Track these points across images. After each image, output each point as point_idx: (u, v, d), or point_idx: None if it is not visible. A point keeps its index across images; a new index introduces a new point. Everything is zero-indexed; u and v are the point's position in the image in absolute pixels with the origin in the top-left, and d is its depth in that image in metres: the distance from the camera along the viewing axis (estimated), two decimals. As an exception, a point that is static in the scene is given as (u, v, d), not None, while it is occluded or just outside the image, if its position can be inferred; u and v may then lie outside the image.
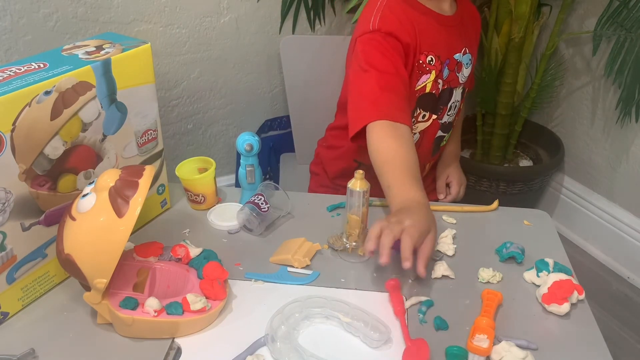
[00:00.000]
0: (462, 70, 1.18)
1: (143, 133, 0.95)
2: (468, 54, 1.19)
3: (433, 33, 1.12)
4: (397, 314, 0.81)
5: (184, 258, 0.86)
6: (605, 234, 1.82)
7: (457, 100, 1.22)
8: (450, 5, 1.16)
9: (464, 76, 1.20)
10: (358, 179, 0.90)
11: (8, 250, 0.77)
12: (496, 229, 1.02)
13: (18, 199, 0.76)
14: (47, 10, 1.42)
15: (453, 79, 1.18)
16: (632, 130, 1.67)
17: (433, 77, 1.14)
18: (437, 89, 1.16)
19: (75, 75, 0.79)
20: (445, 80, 1.16)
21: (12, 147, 0.73)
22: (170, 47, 1.63)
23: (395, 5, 1.11)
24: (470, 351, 0.74)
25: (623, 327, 1.59)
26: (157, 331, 0.77)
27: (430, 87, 1.14)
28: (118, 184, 0.73)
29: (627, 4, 1.52)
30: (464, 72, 1.19)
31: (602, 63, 1.71)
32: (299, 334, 0.78)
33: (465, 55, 1.18)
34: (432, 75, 1.13)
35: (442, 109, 1.19)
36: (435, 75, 1.14)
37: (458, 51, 1.17)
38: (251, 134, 1.02)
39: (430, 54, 1.12)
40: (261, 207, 0.97)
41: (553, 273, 0.87)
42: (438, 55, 1.13)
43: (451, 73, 1.17)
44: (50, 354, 0.75)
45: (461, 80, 1.20)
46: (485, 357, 0.74)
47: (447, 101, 1.19)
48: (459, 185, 1.35)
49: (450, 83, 1.17)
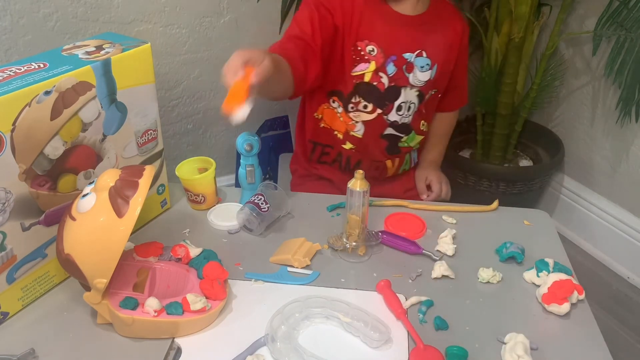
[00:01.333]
0: (414, 72, 1.18)
1: (143, 133, 0.95)
2: (425, 58, 1.18)
3: (380, 25, 1.14)
4: (398, 317, 0.81)
5: (184, 258, 0.86)
6: (605, 234, 1.82)
7: (409, 101, 1.22)
8: (415, 6, 1.16)
9: (417, 79, 1.19)
10: (358, 179, 0.90)
11: (8, 250, 0.77)
12: (496, 229, 1.02)
13: (18, 199, 0.76)
14: (47, 10, 1.42)
15: (400, 77, 1.18)
16: (632, 130, 1.67)
17: (373, 68, 1.16)
18: (379, 82, 1.17)
19: (75, 75, 0.79)
20: (391, 77, 1.17)
21: (12, 147, 0.73)
22: (170, 47, 1.63)
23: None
24: None
25: (623, 327, 1.59)
26: (157, 331, 0.77)
27: (370, 77, 1.17)
28: (118, 184, 0.73)
29: (627, 4, 1.52)
30: (418, 75, 1.19)
31: (602, 63, 1.71)
32: (299, 334, 0.78)
33: (419, 57, 1.18)
34: (372, 65, 1.15)
35: (389, 105, 1.20)
36: (376, 67, 1.16)
37: (410, 51, 1.17)
38: (251, 134, 1.02)
39: (371, 44, 1.14)
40: (261, 207, 0.97)
41: (553, 273, 0.87)
42: (381, 48, 1.15)
43: (399, 71, 1.17)
44: (50, 354, 0.75)
45: (413, 81, 1.19)
46: None
47: (394, 99, 1.20)
48: (439, 183, 1.35)
49: (397, 81, 1.18)
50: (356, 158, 1.27)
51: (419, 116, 1.27)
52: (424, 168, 1.38)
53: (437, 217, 1.04)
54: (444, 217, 1.04)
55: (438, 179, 1.35)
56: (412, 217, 1.03)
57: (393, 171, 1.31)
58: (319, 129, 1.27)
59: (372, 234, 0.95)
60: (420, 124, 1.29)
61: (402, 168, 1.32)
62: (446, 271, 0.89)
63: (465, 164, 1.82)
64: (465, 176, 1.82)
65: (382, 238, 0.95)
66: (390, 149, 1.27)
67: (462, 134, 2.00)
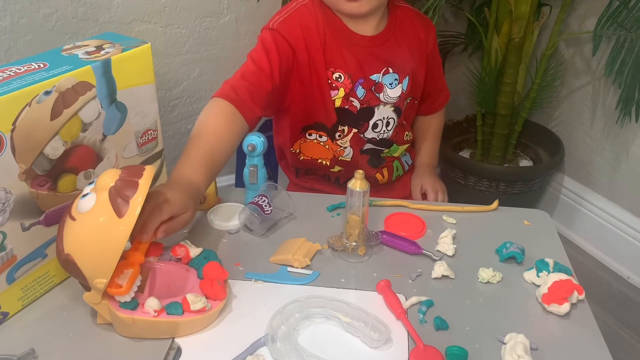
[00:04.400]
0: (384, 91, 1.18)
1: (143, 133, 0.95)
2: (392, 74, 1.17)
3: (343, 52, 1.13)
4: (399, 317, 0.81)
5: (184, 258, 0.86)
6: (605, 234, 1.82)
7: (387, 117, 1.21)
8: (376, 26, 1.15)
9: (388, 96, 1.19)
10: (358, 179, 0.90)
11: (8, 250, 0.77)
12: (496, 229, 1.02)
13: (18, 199, 0.76)
14: (47, 10, 1.42)
15: (371, 97, 1.17)
16: (632, 130, 1.67)
17: (342, 94, 1.15)
18: (351, 106, 1.17)
19: (76, 75, 0.79)
20: (362, 100, 1.17)
21: (12, 147, 0.73)
22: (170, 47, 1.63)
23: (308, 14, 1.12)
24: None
25: (623, 327, 1.59)
26: (157, 331, 0.77)
27: (341, 102, 1.16)
28: (118, 183, 0.73)
29: (627, 4, 1.52)
30: (388, 92, 1.18)
31: (602, 63, 1.71)
32: (299, 334, 0.78)
33: (387, 75, 1.17)
34: (341, 92, 1.15)
35: (363, 124, 1.20)
36: (345, 93, 1.15)
37: (376, 72, 1.16)
38: (257, 134, 1.01)
39: (338, 71, 1.13)
40: (264, 209, 0.96)
41: (553, 273, 0.87)
42: (348, 74, 1.14)
43: (368, 92, 1.16)
44: (50, 354, 0.75)
45: (384, 99, 1.19)
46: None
47: (368, 119, 1.19)
48: (435, 192, 1.30)
49: (369, 102, 1.18)
50: (345, 177, 1.27)
51: (402, 129, 1.26)
52: (418, 175, 1.34)
53: (437, 217, 1.04)
54: (444, 217, 1.04)
55: (433, 187, 1.31)
56: (412, 217, 1.03)
57: (385, 181, 1.29)
58: (299, 161, 1.27)
59: (372, 234, 0.95)
60: (404, 135, 1.28)
61: (394, 175, 1.30)
62: (446, 271, 0.89)
63: (465, 164, 1.82)
64: (465, 176, 1.82)
65: (382, 238, 0.95)
66: (376, 162, 1.26)
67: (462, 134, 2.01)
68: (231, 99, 1.04)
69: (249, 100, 1.05)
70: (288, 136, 1.23)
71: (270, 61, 1.08)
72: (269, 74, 1.08)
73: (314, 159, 1.25)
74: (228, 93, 1.05)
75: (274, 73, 1.08)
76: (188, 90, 1.72)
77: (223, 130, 1.01)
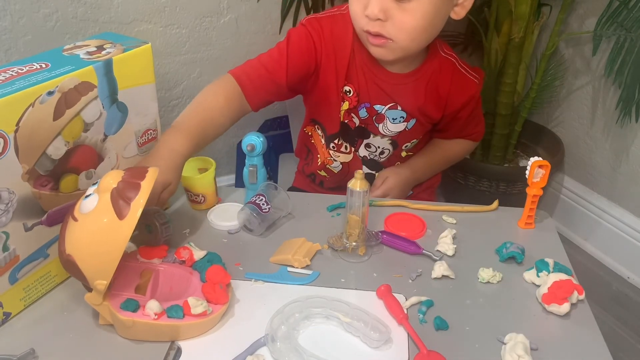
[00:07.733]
0: (384, 123, 1.17)
1: (143, 133, 0.95)
2: (400, 111, 1.16)
3: (361, 72, 1.13)
4: (400, 322, 0.80)
5: (188, 260, 0.86)
6: (605, 234, 1.82)
7: (382, 147, 1.21)
8: (401, 68, 1.12)
9: (388, 129, 1.18)
10: (358, 179, 0.90)
11: (11, 250, 0.77)
12: (496, 229, 1.02)
13: (21, 199, 0.77)
14: (47, 10, 1.43)
15: (369, 124, 1.18)
16: (632, 130, 1.67)
17: (346, 107, 1.15)
18: (351, 121, 1.18)
19: (78, 76, 0.79)
20: (361, 120, 1.17)
21: (16, 148, 0.74)
22: (170, 47, 1.63)
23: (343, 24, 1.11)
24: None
25: (623, 327, 1.60)
26: (157, 334, 0.77)
27: (343, 115, 1.17)
28: (120, 185, 0.73)
29: (627, 4, 1.52)
30: (389, 126, 1.17)
31: (602, 63, 1.71)
32: (299, 334, 0.78)
33: (392, 110, 1.15)
34: (345, 105, 1.15)
35: (358, 140, 1.21)
36: (349, 107, 1.15)
37: (382, 103, 1.15)
38: (257, 134, 1.01)
39: (349, 86, 1.14)
40: (262, 207, 0.97)
41: (553, 273, 0.87)
42: (357, 92, 1.14)
43: (369, 118, 1.17)
44: (50, 354, 0.75)
45: (383, 131, 1.18)
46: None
47: (362, 136, 1.20)
48: (385, 187, 1.20)
49: (367, 126, 1.18)
50: (329, 184, 1.28)
51: (397, 159, 1.25)
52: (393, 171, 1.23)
53: (437, 217, 1.04)
54: (444, 217, 1.04)
55: (390, 184, 1.20)
56: (412, 217, 1.04)
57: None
58: (309, 143, 1.29)
59: (372, 234, 0.95)
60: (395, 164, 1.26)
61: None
62: (446, 271, 0.90)
63: (465, 164, 1.82)
64: (465, 176, 1.82)
65: (382, 238, 0.96)
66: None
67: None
68: (240, 80, 1.06)
69: (259, 85, 1.08)
70: (306, 117, 1.26)
71: (289, 55, 1.09)
72: (284, 67, 1.09)
73: (316, 149, 1.26)
74: (240, 74, 1.07)
75: (289, 66, 1.09)
76: (188, 90, 1.72)
77: (218, 110, 1.03)
